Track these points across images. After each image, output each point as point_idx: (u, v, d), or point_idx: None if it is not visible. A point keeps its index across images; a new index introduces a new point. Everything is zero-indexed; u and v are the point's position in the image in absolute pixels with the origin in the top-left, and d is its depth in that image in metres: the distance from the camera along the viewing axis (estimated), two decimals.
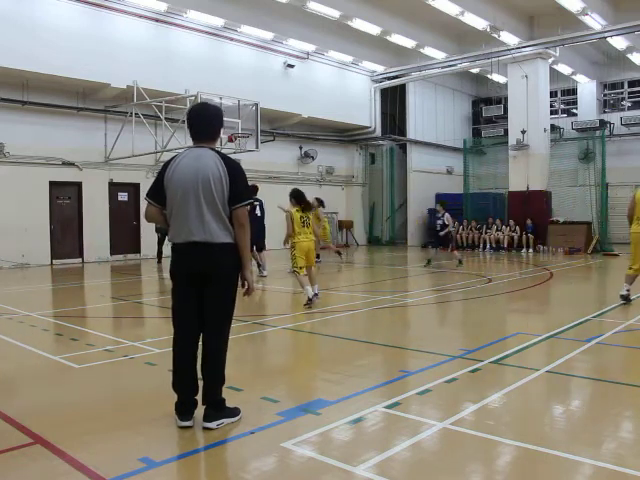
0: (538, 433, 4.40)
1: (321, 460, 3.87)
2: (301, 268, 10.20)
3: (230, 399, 5.07)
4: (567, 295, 11.79)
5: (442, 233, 17.15)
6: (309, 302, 9.91)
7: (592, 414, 4.95)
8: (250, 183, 5.21)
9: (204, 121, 4.64)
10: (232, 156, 17.46)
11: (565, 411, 5.04)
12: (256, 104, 18.15)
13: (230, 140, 17.21)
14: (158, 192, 4.55)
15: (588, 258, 20.73)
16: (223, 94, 17.45)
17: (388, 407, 4.85)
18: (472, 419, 4.65)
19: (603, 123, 28.15)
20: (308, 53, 24.17)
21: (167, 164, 4.58)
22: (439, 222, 17.35)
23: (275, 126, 24.16)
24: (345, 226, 27.39)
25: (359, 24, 21.88)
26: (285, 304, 11.07)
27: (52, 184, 18.43)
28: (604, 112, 30.20)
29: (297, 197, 10.47)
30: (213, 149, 4.60)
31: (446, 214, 17.17)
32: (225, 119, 16.88)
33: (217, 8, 19.64)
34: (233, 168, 4.56)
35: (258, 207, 14.44)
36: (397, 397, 5.09)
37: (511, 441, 4.20)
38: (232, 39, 21.57)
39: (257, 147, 18.52)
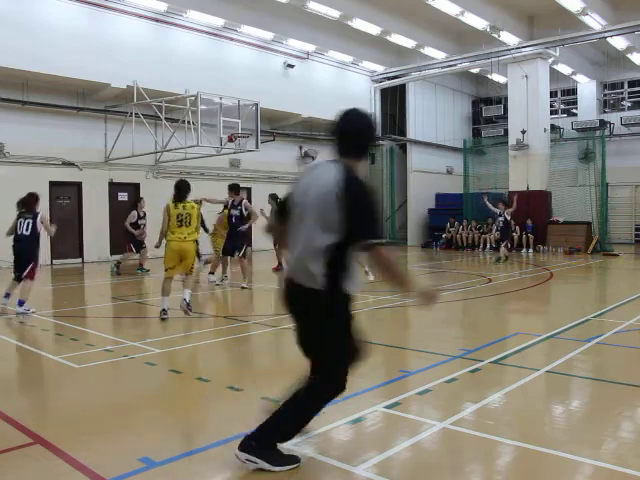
0: (538, 433, 4.41)
1: (321, 460, 3.87)
2: (167, 270, 8.94)
3: (229, 399, 5.08)
4: (567, 295, 11.79)
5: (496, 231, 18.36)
6: (163, 314, 8.75)
7: (592, 414, 4.95)
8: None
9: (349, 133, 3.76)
10: (232, 156, 17.55)
11: (565, 411, 5.04)
12: (256, 104, 18.15)
13: (230, 140, 17.23)
14: None
15: (588, 258, 20.72)
16: (223, 94, 17.44)
17: (388, 407, 4.85)
18: (472, 419, 4.65)
19: (603, 123, 28.12)
20: (308, 53, 24.15)
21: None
22: (500, 219, 18.49)
23: (275, 126, 24.15)
24: None
25: (359, 24, 21.87)
26: None
27: (52, 184, 18.40)
28: (604, 112, 30.18)
29: (177, 188, 8.98)
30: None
31: (507, 210, 18.38)
32: (225, 119, 17.15)
33: (217, 8, 19.63)
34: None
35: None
36: (397, 397, 5.09)
37: (511, 441, 4.20)
38: (232, 39, 21.56)
39: (257, 147, 18.52)
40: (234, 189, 12.97)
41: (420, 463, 3.93)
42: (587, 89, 30.04)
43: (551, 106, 27.31)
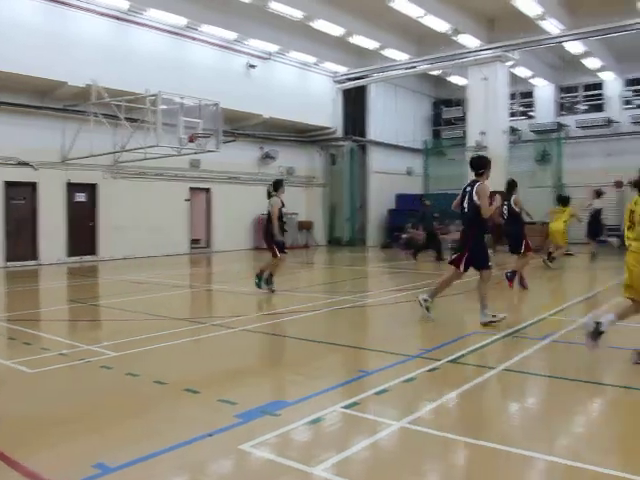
0: (495, 431, 4.47)
1: (279, 462, 3.86)
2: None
3: (186, 401, 5.04)
4: (523, 294, 11.96)
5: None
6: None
7: (548, 411, 5.03)
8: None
9: None
10: (192, 157, 17.42)
11: (521, 408, 5.12)
12: (217, 104, 18.03)
13: (190, 140, 17.05)
14: None
15: (544, 257, 21.00)
16: (184, 94, 17.27)
17: (346, 407, 4.86)
18: (430, 418, 4.69)
19: (560, 126, 28.71)
20: (270, 53, 24.10)
21: None
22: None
23: (236, 126, 24.02)
24: (305, 227, 27.32)
25: (322, 25, 21.90)
26: (246, 306, 10.99)
27: (7, 184, 18.03)
28: (561, 115, 30.76)
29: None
30: None
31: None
32: (186, 119, 16.99)
33: (179, 7, 19.45)
34: None
35: None
36: (355, 397, 5.10)
37: (469, 439, 4.24)
38: (194, 38, 21.38)
39: (218, 148, 18.38)
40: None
41: (378, 463, 3.95)
42: (544, 92, 30.60)
43: (510, 108, 27.73)
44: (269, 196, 11.71)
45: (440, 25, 22.29)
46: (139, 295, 8.99)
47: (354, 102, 28.33)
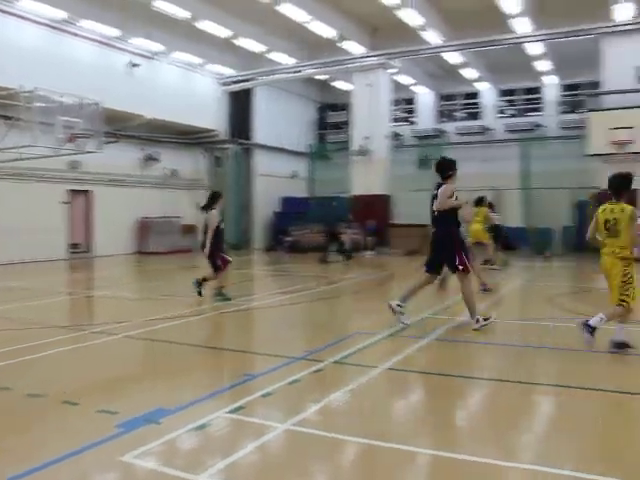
0: (380, 428, 4.59)
1: (163, 471, 3.79)
2: None
3: (65, 414, 4.86)
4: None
5: None
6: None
7: (430, 407, 5.25)
8: None
9: None
10: (72, 157, 16.76)
11: (405, 405, 5.31)
12: (98, 103, 17.39)
13: (70, 140, 16.33)
14: None
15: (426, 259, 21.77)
16: (63, 91, 16.52)
17: (231, 412, 4.84)
18: (315, 419, 4.77)
19: (440, 132, 29.95)
20: (154, 53, 23.57)
21: None
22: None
23: (118, 127, 23.26)
24: (189, 230, 26.68)
25: (208, 26, 21.70)
26: (129, 311, 10.70)
27: None
28: (441, 121, 32.04)
29: None
30: None
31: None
32: (64, 118, 16.27)
33: None
34: None
35: None
36: (240, 401, 5.09)
37: (354, 438, 4.34)
38: (74, 34, 20.52)
39: (98, 148, 17.72)
40: None
41: (265, 466, 3.97)
42: (425, 99, 31.81)
43: (392, 114, 28.55)
44: (204, 209, 11.23)
45: (326, 31, 22.69)
46: (13, 303, 8.52)
47: (240, 105, 28.19)
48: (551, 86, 29.56)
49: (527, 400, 5.42)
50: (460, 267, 8.21)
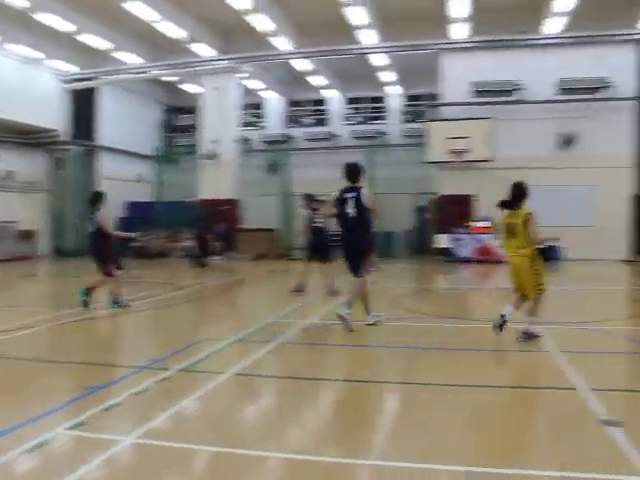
0: (229, 435, 4.54)
1: None
2: None
3: None
4: (254, 299, 12.36)
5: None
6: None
7: (279, 410, 5.26)
8: None
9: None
10: None
11: (254, 410, 5.29)
12: None
13: None
14: None
15: (273, 263, 22.01)
16: None
17: (72, 428, 4.56)
18: (163, 429, 4.62)
19: (288, 137, 30.35)
20: None
21: None
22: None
23: None
24: (25, 236, 25.06)
25: (49, 19, 20.50)
26: None
27: None
28: (289, 127, 32.49)
29: None
30: None
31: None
32: None
33: None
34: None
35: None
36: (82, 416, 4.80)
37: (204, 446, 4.26)
38: None
39: None
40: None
41: None
42: (275, 105, 32.12)
43: (242, 119, 28.55)
44: (93, 209, 10.61)
45: (175, 32, 22.25)
46: None
47: (83, 104, 26.93)
48: (395, 96, 30.95)
49: (376, 398, 5.59)
50: (362, 273, 8.56)
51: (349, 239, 8.68)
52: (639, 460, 3.89)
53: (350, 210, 8.53)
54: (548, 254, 21.28)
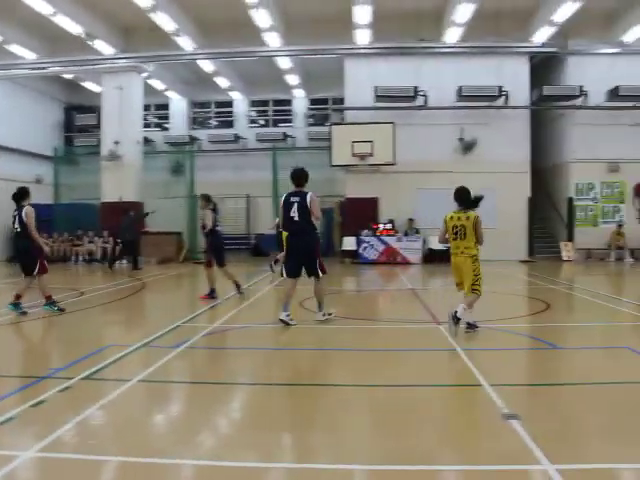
0: (138, 444, 4.40)
1: None
2: None
3: None
4: (159, 303, 12.11)
5: None
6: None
7: (187, 416, 5.16)
8: None
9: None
10: None
11: (161, 417, 5.15)
12: None
13: None
14: None
15: (179, 267, 21.67)
16: None
17: None
18: (66, 441, 4.41)
19: (193, 139, 29.92)
20: None
21: None
22: None
23: None
24: None
25: None
26: None
27: None
28: (194, 129, 32.07)
29: None
30: None
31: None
32: None
33: None
34: None
35: None
36: None
37: (110, 457, 4.13)
38: None
39: None
40: None
41: None
42: (179, 106, 31.63)
43: (145, 119, 27.94)
44: (19, 206, 10.47)
45: (73, 27, 21.41)
46: None
47: None
48: (300, 99, 31.11)
49: (286, 401, 5.58)
50: (321, 272, 9.10)
51: (297, 242, 9.07)
52: (539, 451, 4.06)
53: (293, 214, 8.93)
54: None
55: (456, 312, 7.95)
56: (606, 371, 6.69)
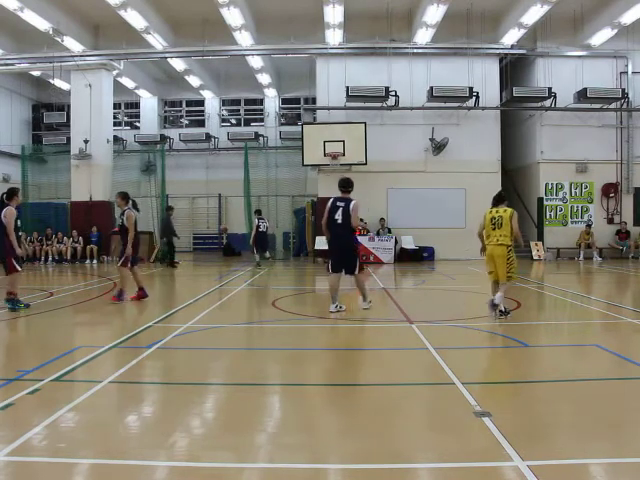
0: (110, 445, 4.35)
1: None
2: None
3: None
4: (130, 304, 11.95)
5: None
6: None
7: (161, 417, 5.10)
8: None
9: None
10: None
11: (137, 418, 5.10)
12: None
13: None
14: None
15: (151, 267, 21.49)
16: None
17: None
18: (36, 445, 4.34)
19: (164, 138, 29.69)
20: None
21: None
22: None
23: None
24: None
25: None
26: None
27: None
28: (165, 127, 31.84)
29: None
30: None
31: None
32: None
33: None
34: None
35: None
36: None
37: (83, 460, 4.08)
38: None
39: None
40: None
41: None
42: (149, 104, 31.35)
43: (115, 118, 27.66)
44: (2, 205, 10.43)
45: (41, 23, 21.07)
46: None
47: None
48: (272, 98, 31.05)
49: (259, 401, 5.55)
50: (357, 271, 10.32)
51: (339, 242, 10.23)
52: (510, 448, 4.11)
53: (337, 217, 10.08)
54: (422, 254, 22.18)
55: (493, 300, 9.15)
56: (576, 368, 6.80)
